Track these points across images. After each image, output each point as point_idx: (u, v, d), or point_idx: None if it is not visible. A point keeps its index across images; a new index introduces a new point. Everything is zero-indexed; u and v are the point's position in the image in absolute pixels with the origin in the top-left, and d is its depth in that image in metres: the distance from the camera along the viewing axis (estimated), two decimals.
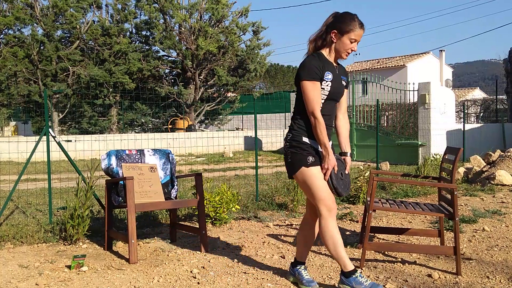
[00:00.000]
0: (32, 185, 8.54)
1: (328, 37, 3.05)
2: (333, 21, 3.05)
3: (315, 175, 2.99)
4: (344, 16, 3.03)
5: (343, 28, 3.00)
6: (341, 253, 2.98)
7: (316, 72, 2.98)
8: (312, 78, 2.96)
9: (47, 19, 19.02)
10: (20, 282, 3.42)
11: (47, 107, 5.20)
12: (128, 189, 3.85)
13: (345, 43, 3.02)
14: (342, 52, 3.05)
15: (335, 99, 3.11)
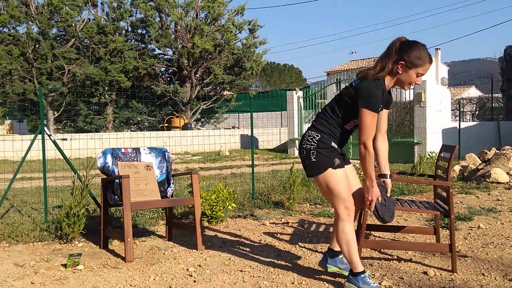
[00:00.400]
0: (28, 183, 8.51)
1: (394, 67, 2.97)
2: (401, 51, 2.95)
3: (340, 178, 3.04)
4: (414, 48, 2.94)
5: (412, 61, 2.93)
6: (354, 256, 3.03)
7: (379, 106, 2.96)
8: (374, 110, 2.91)
9: (42, 17, 18.93)
10: (15, 281, 3.41)
11: (42, 105, 5.17)
12: (124, 188, 3.84)
13: (411, 77, 2.98)
14: (405, 84, 3.03)
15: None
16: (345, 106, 3.03)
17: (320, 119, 3.14)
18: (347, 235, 3.03)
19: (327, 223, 5.23)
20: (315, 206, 6.17)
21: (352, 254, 3.03)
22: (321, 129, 3.09)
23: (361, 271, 3.04)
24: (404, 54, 2.94)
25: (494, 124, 15.30)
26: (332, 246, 3.44)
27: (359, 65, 36.66)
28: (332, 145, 3.07)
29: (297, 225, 5.16)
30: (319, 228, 5.01)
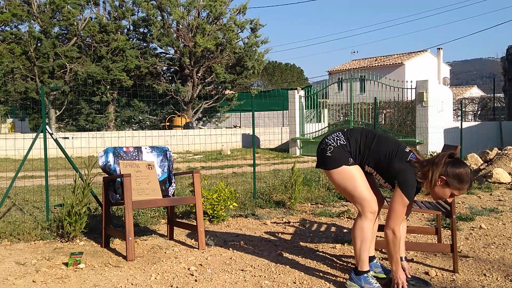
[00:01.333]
0: (29, 182, 8.52)
1: (434, 178, 2.93)
2: (448, 165, 2.93)
3: (357, 175, 3.07)
4: (461, 170, 2.92)
5: (453, 182, 2.92)
6: (364, 254, 3.06)
7: (413, 196, 2.99)
8: (409, 198, 2.93)
9: (44, 15, 18.94)
10: (17, 279, 3.41)
11: (44, 104, 5.18)
12: (126, 187, 3.85)
13: (445, 194, 2.99)
14: (436, 196, 3.04)
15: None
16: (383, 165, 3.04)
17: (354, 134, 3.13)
18: (365, 233, 3.04)
19: (329, 222, 5.23)
20: (317, 206, 6.17)
21: (364, 252, 3.06)
22: (350, 141, 3.11)
23: (366, 270, 3.05)
24: (450, 170, 2.92)
25: (496, 124, 15.27)
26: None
27: (360, 65, 36.63)
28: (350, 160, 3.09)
29: (299, 224, 5.16)
30: (320, 227, 5.00)
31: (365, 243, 3.05)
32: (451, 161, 2.95)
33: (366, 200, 3.05)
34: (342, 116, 16.43)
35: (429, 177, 2.94)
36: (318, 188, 7.08)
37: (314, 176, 8.04)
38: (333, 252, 4.01)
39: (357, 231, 3.07)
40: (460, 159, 3.02)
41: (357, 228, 3.07)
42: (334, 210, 5.80)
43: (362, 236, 3.04)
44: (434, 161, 2.96)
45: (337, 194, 6.70)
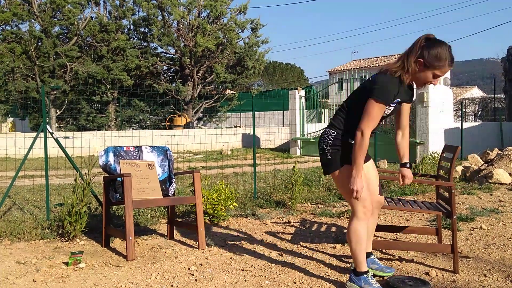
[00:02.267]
0: (30, 181, 8.52)
1: (410, 66, 2.87)
2: (423, 48, 2.85)
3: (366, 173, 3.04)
4: (436, 47, 2.83)
5: (431, 61, 2.83)
6: (361, 255, 3.04)
7: (389, 98, 2.90)
8: (381, 101, 2.87)
9: (44, 15, 18.94)
10: (17, 278, 3.41)
11: (44, 103, 5.18)
12: (126, 186, 3.85)
13: (427, 77, 2.90)
14: (420, 82, 2.96)
15: (388, 116, 3.12)
16: (363, 100, 2.94)
17: (337, 116, 3.10)
18: (358, 234, 3.02)
19: (329, 222, 5.22)
20: (317, 206, 6.17)
21: (360, 253, 3.04)
22: (338, 126, 3.06)
23: (365, 271, 3.04)
24: (425, 52, 2.84)
25: (497, 124, 15.27)
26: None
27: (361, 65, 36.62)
28: (349, 141, 3.01)
29: (299, 224, 5.16)
30: (320, 227, 5.00)
31: (359, 244, 3.02)
32: (425, 43, 2.86)
33: (362, 200, 3.01)
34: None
35: (406, 66, 2.87)
36: (319, 188, 7.08)
37: (314, 176, 8.04)
38: (333, 252, 4.01)
39: (351, 233, 3.04)
40: (436, 39, 2.88)
41: (351, 230, 3.05)
42: (335, 210, 5.80)
43: (356, 238, 3.02)
44: (409, 49, 2.90)
45: (337, 194, 6.70)
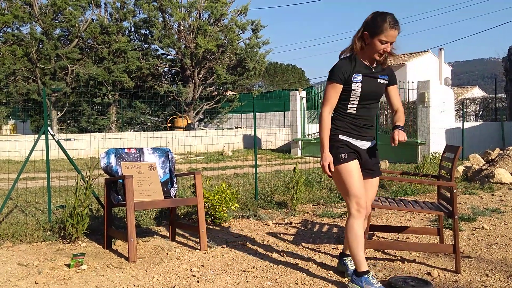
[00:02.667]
0: (31, 183, 8.53)
1: (358, 42, 3.02)
2: (367, 22, 3.01)
3: (349, 172, 3.04)
4: (375, 17, 2.97)
5: (373, 30, 2.95)
6: (359, 254, 3.04)
7: (339, 76, 3.02)
8: (333, 80, 3.03)
9: (45, 17, 18.98)
10: (19, 280, 3.41)
11: (46, 105, 5.19)
12: (128, 188, 3.85)
13: (376, 45, 2.98)
14: (372, 54, 3.02)
15: (372, 99, 3.12)
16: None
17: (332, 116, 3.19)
18: (354, 231, 3.03)
19: (330, 223, 5.22)
20: (318, 207, 6.16)
21: (358, 252, 3.03)
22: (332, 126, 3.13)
23: (365, 271, 3.03)
24: (368, 25, 2.99)
25: (498, 124, 15.25)
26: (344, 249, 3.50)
27: None
28: (339, 138, 3.08)
29: (300, 225, 5.16)
30: (322, 228, 5.00)
31: (355, 242, 3.02)
32: (369, 18, 3.01)
33: (353, 196, 3.03)
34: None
35: (356, 44, 3.02)
36: (320, 189, 7.07)
37: (315, 177, 8.04)
38: (335, 253, 4.00)
39: (347, 231, 3.07)
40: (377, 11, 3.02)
41: (347, 228, 3.07)
42: (336, 211, 5.79)
43: (352, 236, 3.03)
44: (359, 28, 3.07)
45: (338, 195, 6.70)
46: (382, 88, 3.15)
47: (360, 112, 3.09)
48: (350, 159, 3.05)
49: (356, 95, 3.05)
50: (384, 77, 3.13)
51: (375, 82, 3.09)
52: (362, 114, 3.10)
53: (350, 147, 3.08)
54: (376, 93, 3.12)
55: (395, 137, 3.04)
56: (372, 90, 3.08)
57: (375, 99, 3.14)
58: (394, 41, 2.99)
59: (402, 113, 3.24)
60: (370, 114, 3.13)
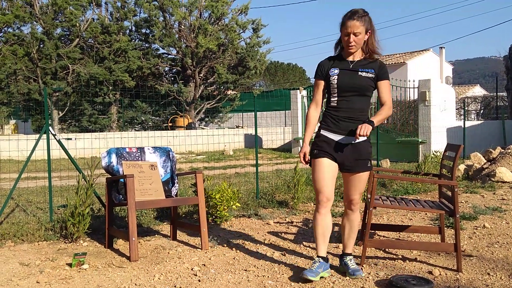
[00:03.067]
0: (33, 183, 8.54)
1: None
2: None
3: (316, 167, 3.28)
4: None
5: (340, 25, 3.23)
6: (317, 241, 3.34)
7: (318, 73, 3.36)
8: (315, 78, 3.37)
9: (46, 17, 18.99)
10: (21, 280, 3.42)
11: (47, 105, 5.19)
12: (129, 187, 3.85)
13: (342, 38, 3.25)
14: (345, 48, 3.26)
15: (351, 91, 3.22)
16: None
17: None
18: (316, 222, 3.32)
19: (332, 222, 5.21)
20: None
21: (317, 238, 3.33)
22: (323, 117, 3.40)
23: (319, 255, 3.33)
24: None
25: (499, 123, 15.23)
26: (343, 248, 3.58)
27: None
28: (320, 133, 3.35)
29: (302, 224, 5.16)
30: None
31: (316, 232, 3.32)
32: None
33: (316, 190, 3.29)
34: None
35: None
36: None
37: None
38: (336, 252, 4.01)
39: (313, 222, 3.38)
40: None
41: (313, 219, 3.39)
42: (337, 210, 5.79)
43: (314, 225, 3.33)
44: None
45: (339, 194, 6.70)
46: (363, 81, 3.22)
47: (340, 104, 3.25)
48: (320, 155, 3.26)
49: (334, 87, 3.26)
50: (367, 71, 3.23)
51: (354, 75, 3.22)
52: (342, 106, 3.24)
53: (327, 142, 3.27)
54: (354, 85, 3.22)
55: (357, 131, 3.11)
56: (350, 82, 3.21)
57: (355, 91, 3.23)
58: (354, 31, 3.13)
59: (385, 109, 3.31)
60: (350, 106, 3.23)
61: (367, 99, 3.30)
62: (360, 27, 3.12)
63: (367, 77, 3.22)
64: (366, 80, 3.22)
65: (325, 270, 3.33)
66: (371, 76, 3.23)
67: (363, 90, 3.23)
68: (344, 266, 3.44)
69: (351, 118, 3.22)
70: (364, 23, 3.14)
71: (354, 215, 3.42)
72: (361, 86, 3.22)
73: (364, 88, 3.23)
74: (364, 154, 3.26)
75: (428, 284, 3.12)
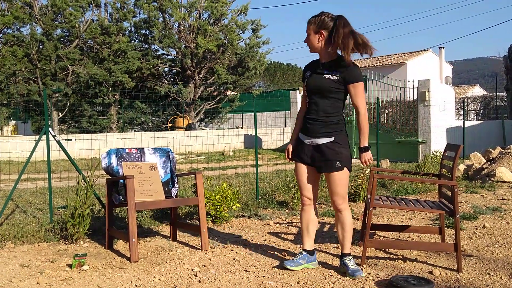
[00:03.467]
0: (33, 184, 8.54)
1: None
2: None
3: (295, 171, 3.54)
4: None
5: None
6: (302, 235, 3.57)
7: (302, 77, 3.51)
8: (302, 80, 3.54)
9: (46, 18, 18.99)
10: (21, 281, 3.42)
11: (46, 106, 5.19)
12: (129, 188, 3.85)
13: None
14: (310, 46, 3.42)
15: (316, 93, 3.34)
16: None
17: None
18: (301, 218, 3.56)
19: (331, 222, 5.22)
20: (319, 206, 6.17)
21: (302, 231, 3.56)
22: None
23: (304, 248, 3.54)
24: None
25: (499, 123, 15.24)
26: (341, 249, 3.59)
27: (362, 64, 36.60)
28: (298, 136, 3.51)
29: None
30: (323, 227, 5.00)
31: (300, 226, 3.57)
32: None
33: (300, 191, 3.51)
34: (344, 116, 16.41)
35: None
36: (321, 188, 7.07)
37: None
38: (336, 252, 4.01)
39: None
40: None
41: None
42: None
43: (301, 222, 3.56)
44: None
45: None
46: (325, 83, 3.29)
47: (309, 106, 3.41)
48: (296, 159, 3.50)
49: (306, 90, 3.43)
50: (331, 73, 3.28)
51: (319, 77, 3.31)
52: (310, 108, 3.39)
53: (301, 145, 3.45)
54: (319, 88, 3.31)
55: (362, 162, 3.36)
56: (315, 85, 3.33)
57: (319, 93, 3.32)
58: (307, 33, 3.32)
59: (362, 122, 3.34)
60: (315, 108, 3.35)
61: (333, 102, 3.31)
62: (309, 29, 3.29)
63: (331, 79, 3.26)
64: (329, 82, 3.26)
65: (310, 262, 3.53)
66: (335, 79, 3.25)
67: (325, 92, 3.29)
68: (344, 266, 3.44)
69: (316, 119, 3.34)
70: (312, 25, 3.27)
71: (341, 216, 3.43)
72: (323, 88, 3.29)
73: (325, 90, 3.28)
74: (330, 155, 3.30)
75: (429, 284, 3.12)
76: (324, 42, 3.27)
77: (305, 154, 3.40)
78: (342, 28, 3.16)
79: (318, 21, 3.24)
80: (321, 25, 3.23)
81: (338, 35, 3.16)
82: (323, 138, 3.31)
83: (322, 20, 3.24)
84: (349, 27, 3.19)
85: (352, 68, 3.25)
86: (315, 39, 3.28)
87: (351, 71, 3.25)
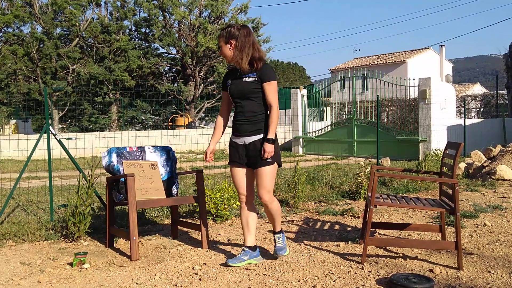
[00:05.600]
0: (33, 183, 8.54)
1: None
2: None
3: (231, 172, 3.73)
4: None
5: None
6: (243, 232, 3.75)
7: (222, 85, 3.77)
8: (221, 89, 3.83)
9: (46, 16, 18.99)
10: (22, 279, 3.42)
11: (47, 105, 5.19)
12: (129, 186, 3.85)
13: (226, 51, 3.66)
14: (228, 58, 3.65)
15: (240, 97, 3.58)
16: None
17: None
18: (240, 216, 3.74)
19: (332, 221, 5.23)
20: (320, 204, 6.17)
21: (243, 230, 3.72)
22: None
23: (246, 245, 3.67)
24: None
25: (499, 121, 15.23)
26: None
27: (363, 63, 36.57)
28: (230, 138, 3.71)
29: (302, 223, 5.16)
30: (324, 226, 5.00)
31: (241, 223, 3.73)
32: None
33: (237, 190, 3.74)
34: (345, 114, 16.42)
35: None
36: (322, 186, 7.08)
37: (317, 174, 8.04)
38: (337, 250, 4.01)
39: None
40: None
41: None
42: (338, 209, 5.80)
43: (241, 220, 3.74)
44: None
45: (340, 192, 6.70)
46: (248, 86, 3.54)
47: (237, 110, 3.65)
48: (230, 163, 3.70)
49: (230, 96, 3.65)
50: (249, 76, 3.54)
51: (240, 82, 3.57)
52: (238, 111, 3.63)
53: (234, 146, 3.65)
54: (241, 91, 3.56)
55: (266, 153, 3.50)
56: (237, 89, 3.58)
57: (243, 96, 3.57)
58: (219, 45, 3.62)
59: (273, 115, 3.57)
60: (242, 110, 3.59)
61: (257, 101, 3.57)
62: (220, 42, 3.58)
63: (250, 81, 3.54)
64: (249, 84, 3.54)
65: (253, 258, 3.66)
66: (254, 80, 3.53)
67: (248, 94, 3.54)
68: (274, 242, 3.79)
69: (244, 120, 3.57)
70: (222, 37, 3.55)
71: (270, 208, 3.70)
72: (245, 90, 3.54)
73: (248, 92, 3.54)
74: (257, 151, 3.55)
75: (429, 282, 3.12)
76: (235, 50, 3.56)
77: (239, 156, 3.62)
78: (243, 37, 3.51)
79: (226, 33, 3.54)
80: (229, 36, 3.53)
81: (240, 43, 3.51)
82: (253, 135, 3.56)
83: (229, 31, 3.54)
84: (251, 37, 3.54)
85: (265, 67, 3.55)
86: (227, 49, 3.56)
87: (265, 71, 3.53)
